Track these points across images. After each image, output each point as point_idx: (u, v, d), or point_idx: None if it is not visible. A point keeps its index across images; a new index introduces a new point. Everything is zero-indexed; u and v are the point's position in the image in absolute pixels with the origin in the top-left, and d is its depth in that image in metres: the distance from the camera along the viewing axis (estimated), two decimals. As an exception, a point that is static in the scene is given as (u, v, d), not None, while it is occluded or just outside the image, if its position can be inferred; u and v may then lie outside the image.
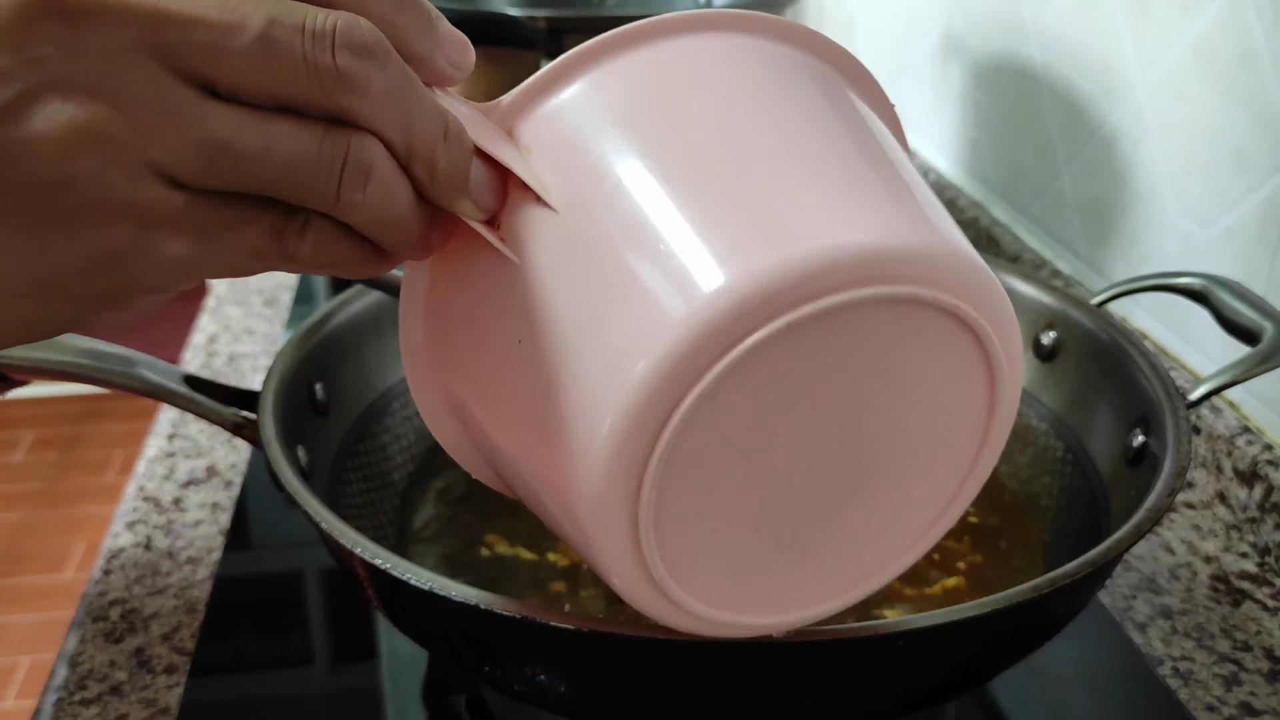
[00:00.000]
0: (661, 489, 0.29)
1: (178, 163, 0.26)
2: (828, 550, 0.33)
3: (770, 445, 0.30)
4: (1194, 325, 0.72)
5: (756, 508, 0.31)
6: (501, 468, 0.36)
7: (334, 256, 0.29)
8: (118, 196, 0.26)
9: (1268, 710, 0.52)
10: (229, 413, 0.48)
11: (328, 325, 0.54)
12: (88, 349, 0.47)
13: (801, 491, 0.32)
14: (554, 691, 0.40)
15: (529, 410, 0.31)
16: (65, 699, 0.52)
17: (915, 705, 0.41)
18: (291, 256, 0.28)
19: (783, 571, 0.33)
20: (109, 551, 0.61)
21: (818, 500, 0.32)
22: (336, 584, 0.61)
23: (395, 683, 0.54)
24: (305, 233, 0.28)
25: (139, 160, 0.26)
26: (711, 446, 0.29)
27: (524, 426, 0.32)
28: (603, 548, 0.30)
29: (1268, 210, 0.65)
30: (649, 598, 0.31)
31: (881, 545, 0.34)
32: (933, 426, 0.32)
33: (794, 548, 0.33)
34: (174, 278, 0.28)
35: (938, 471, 0.34)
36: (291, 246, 0.28)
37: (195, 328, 0.88)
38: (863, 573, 0.35)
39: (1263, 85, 0.64)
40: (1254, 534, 0.63)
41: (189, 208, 0.27)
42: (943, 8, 1.04)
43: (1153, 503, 0.43)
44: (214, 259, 0.28)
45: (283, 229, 0.28)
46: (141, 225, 0.27)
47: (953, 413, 0.32)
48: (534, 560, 0.52)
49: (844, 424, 0.31)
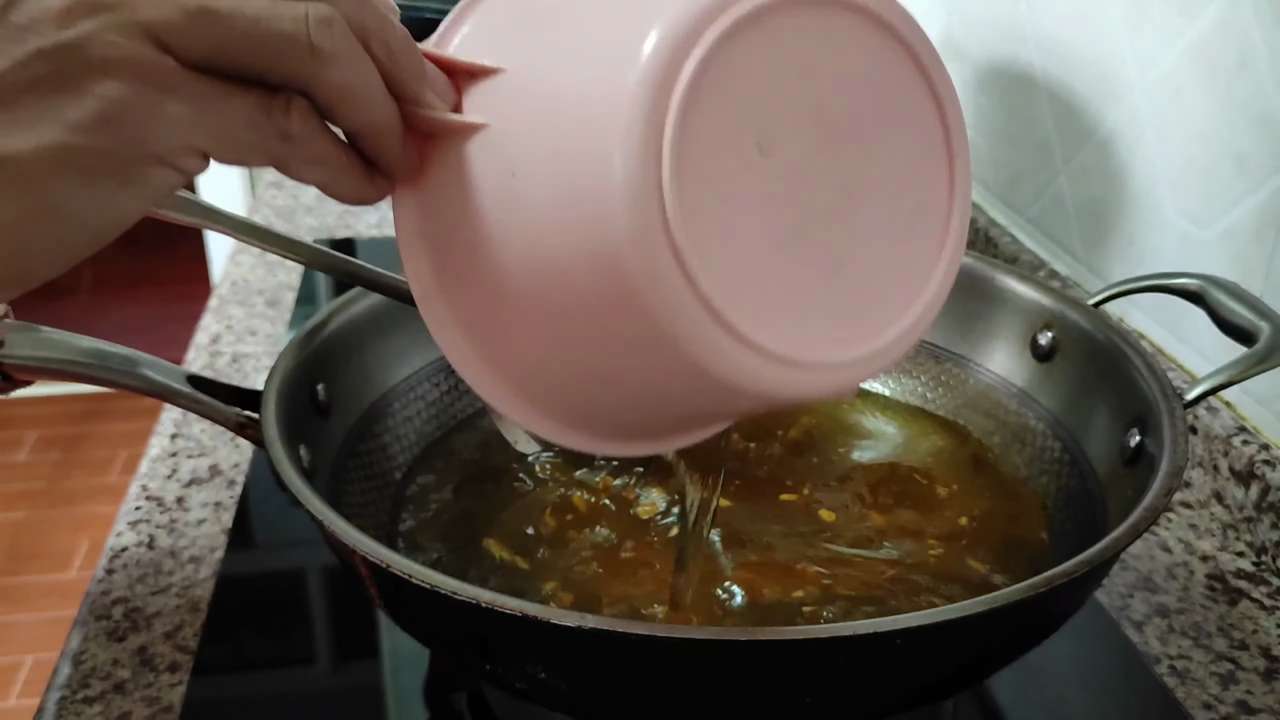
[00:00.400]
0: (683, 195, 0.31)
1: (166, 24, 0.30)
2: (851, 276, 0.35)
3: (765, 155, 0.33)
4: (1191, 326, 0.72)
5: (772, 224, 0.33)
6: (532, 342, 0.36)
7: (321, 145, 0.33)
8: (118, 53, 0.30)
9: (1264, 708, 0.52)
10: (232, 412, 0.49)
11: (330, 326, 0.55)
12: (91, 349, 0.47)
13: (807, 211, 0.34)
14: (555, 689, 0.41)
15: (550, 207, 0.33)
16: (68, 697, 0.52)
17: (914, 703, 0.41)
18: (283, 131, 0.32)
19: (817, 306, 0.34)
20: (112, 550, 0.62)
21: (822, 223, 0.34)
22: (338, 583, 0.61)
23: (397, 681, 0.54)
24: (290, 109, 0.32)
25: (132, 22, 0.30)
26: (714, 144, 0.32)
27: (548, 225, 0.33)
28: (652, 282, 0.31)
29: (1265, 211, 0.65)
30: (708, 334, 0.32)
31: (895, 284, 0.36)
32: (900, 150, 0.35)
33: (817, 276, 0.34)
34: (176, 138, 0.31)
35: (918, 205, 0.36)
36: (280, 120, 0.32)
37: (198, 328, 0.88)
38: (891, 308, 0.36)
39: (1260, 87, 0.65)
40: (1250, 533, 0.63)
41: (183, 75, 0.31)
42: (941, 11, 1.04)
43: (1149, 502, 0.43)
44: (211, 121, 0.31)
45: (268, 103, 0.32)
46: (142, 82, 0.30)
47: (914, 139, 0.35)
48: (526, 569, 0.52)
49: (822, 140, 0.34)
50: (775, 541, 0.52)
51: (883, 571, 0.51)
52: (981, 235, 0.96)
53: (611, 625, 0.36)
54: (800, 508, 0.55)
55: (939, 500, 0.56)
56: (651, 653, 0.37)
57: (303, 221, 1.11)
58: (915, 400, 0.63)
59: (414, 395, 0.59)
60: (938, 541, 0.53)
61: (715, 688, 0.38)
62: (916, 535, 0.53)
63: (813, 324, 0.34)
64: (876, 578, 0.50)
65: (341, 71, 0.32)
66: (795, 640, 0.36)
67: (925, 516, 0.55)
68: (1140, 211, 0.77)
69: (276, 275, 0.97)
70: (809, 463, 0.59)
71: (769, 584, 0.49)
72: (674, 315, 0.31)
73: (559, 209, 0.33)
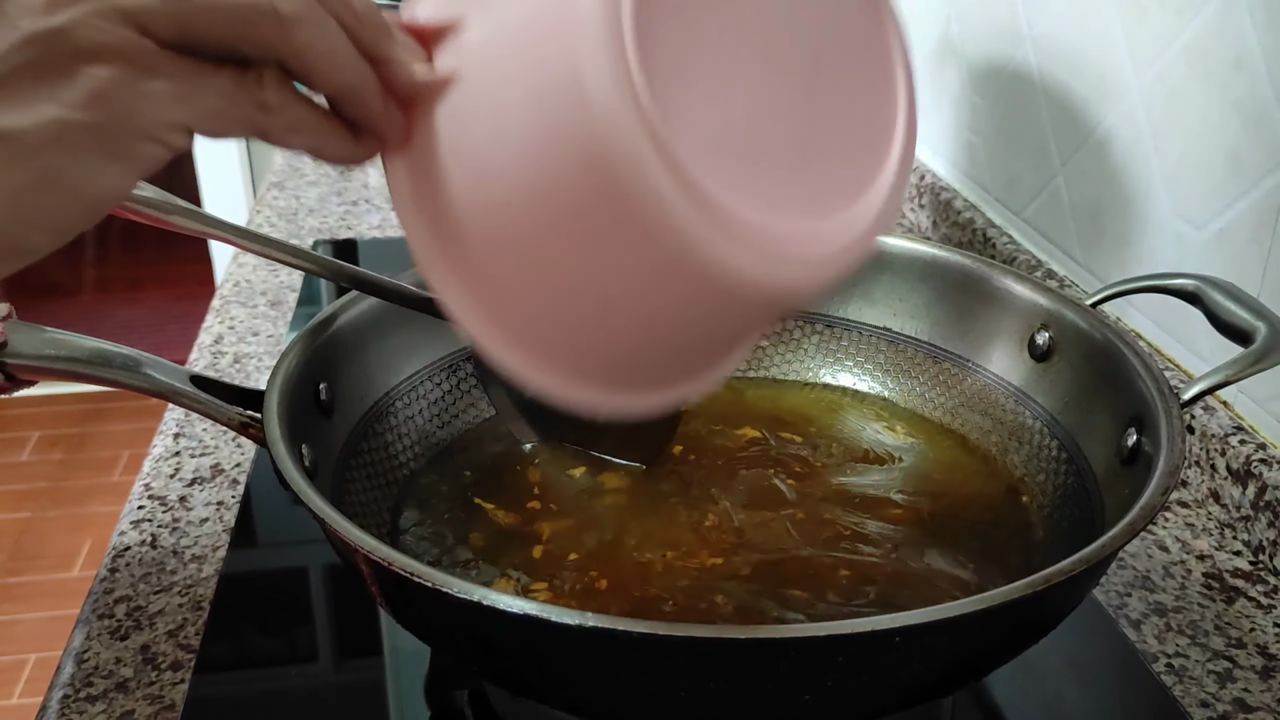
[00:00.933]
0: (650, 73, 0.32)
1: (142, 8, 0.32)
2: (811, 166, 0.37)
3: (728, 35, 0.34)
4: (1187, 326, 0.72)
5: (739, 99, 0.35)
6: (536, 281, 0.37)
7: (297, 112, 0.35)
8: (102, 38, 0.32)
9: (1261, 706, 0.52)
10: (234, 412, 0.49)
11: (332, 325, 0.55)
12: (94, 349, 0.47)
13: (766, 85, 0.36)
14: (555, 688, 0.41)
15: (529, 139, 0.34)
16: (71, 696, 0.52)
17: (912, 701, 0.42)
18: (260, 102, 0.35)
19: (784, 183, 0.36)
20: (115, 549, 0.62)
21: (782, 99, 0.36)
22: (341, 581, 0.62)
23: (399, 679, 0.54)
24: (263, 79, 0.34)
25: (113, 8, 0.32)
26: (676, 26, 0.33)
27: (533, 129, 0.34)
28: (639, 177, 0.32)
29: (1261, 212, 0.65)
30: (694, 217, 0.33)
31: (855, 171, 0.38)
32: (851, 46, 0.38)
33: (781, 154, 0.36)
34: (161, 113, 0.33)
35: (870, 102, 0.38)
36: (255, 93, 0.34)
37: (201, 328, 0.89)
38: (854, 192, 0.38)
39: (1256, 87, 0.65)
40: (1247, 532, 0.63)
41: (162, 55, 0.33)
42: (939, 13, 1.04)
43: (1146, 501, 0.43)
44: (192, 96, 0.34)
45: (243, 76, 0.34)
46: (126, 64, 0.33)
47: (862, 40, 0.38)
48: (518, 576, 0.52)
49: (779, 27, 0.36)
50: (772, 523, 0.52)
51: (877, 566, 0.51)
52: (979, 235, 0.96)
53: (611, 624, 0.36)
54: (799, 505, 0.55)
55: (936, 498, 0.56)
56: (651, 651, 0.37)
57: (305, 222, 1.11)
58: (913, 400, 0.64)
59: (416, 394, 0.59)
60: (934, 539, 0.53)
61: (715, 686, 0.38)
62: (913, 532, 0.54)
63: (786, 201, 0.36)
64: (872, 571, 0.51)
65: (308, 35, 0.34)
66: (794, 639, 0.36)
67: (922, 514, 0.55)
68: (1137, 211, 0.78)
69: (279, 276, 0.97)
70: (808, 460, 0.59)
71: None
72: (659, 199, 0.33)
73: (539, 127, 0.34)
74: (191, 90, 0.34)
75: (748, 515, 0.54)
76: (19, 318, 0.47)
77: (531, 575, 0.51)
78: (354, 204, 1.16)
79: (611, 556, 0.52)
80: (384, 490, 0.55)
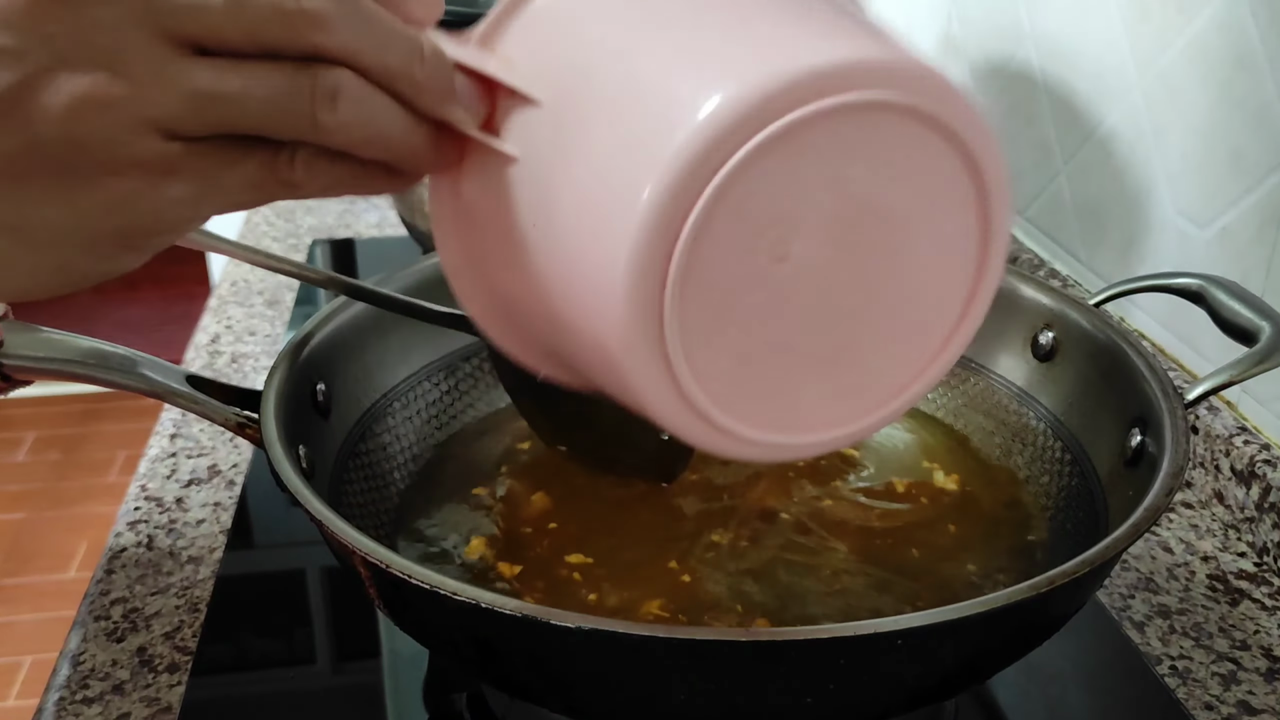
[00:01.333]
0: (683, 310, 0.31)
1: (171, 117, 0.30)
2: (848, 371, 0.35)
3: (778, 262, 0.32)
4: (1191, 325, 0.72)
5: (775, 327, 0.33)
6: (550, 343, 0.38)
7: (331, 178, 0.33)
8: (124, 152, 0.30)
9: (1266, 709, 0.52)
10: (231, 412, 0.49)
11: (330, 326, 0.55)
12: (91, 349, 0.47)
13: (814, 310, 0.34)
14: (555, 690, 0.41)
15: (560, 278, 0.34)
16: (67, 698, 0.52)
17: (915, 703, 0.41)
18: (288, 182, 0.32)
19: (810, 392, 0.35)
20: (111, 550, 0.62)
21: (830, 319, 0.34)
22: (338, 583, 0.61)
23: (396, 681, 0.54)
24: (295, 160, 0.32)
25: (138, 119, 0.30)
26: (724, 261, 0.31)
27: (557, 291, 0.34)
28: (639, 377, 0.32)
29: (1264, 210, 0.65)
30: (690, 424, 0.34)
31: (896, 369, 0.36)
32: (931, 245, 0.34)
33: (815, 367, 0.35)
34: (182, 215, 0.32)
35: (940, 293, 0.36)
36: (285, 173, 0.32)
37: (198, 328, 0.88)
38: (883, 395, 0.37)
39: (1259, 85, 0.65)
40: (1252, 533, 0.63)
41: (187, 155, 0.31)
42: (941, 11, 1.04)
43: (1150, 502, 0.43)
44: (215, 195, 0.32)
45: (273, 160, 0.32)
46: (147, 174, 0.31)
47: (948, 232, 0.35)
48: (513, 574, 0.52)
49: (845, 241, 0.33)
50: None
51: (878, 566, 0.51)
52: (981, 235, 0.96)
53: (610, 626, 0.36)
54: (798, 505, 0.55)
55: (939, 499, 0.56)
56: (651, 653, 0.37)
57: (303, 221, 1.11)
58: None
59: (414, 395, 0.59)
60: (937, 540, 0.53)
61: (715, 688, 0.38)
62: (917, 534, 0.53)
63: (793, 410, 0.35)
64: (872, 571, 0.50)
65: (352, 131, 0.31)
66: (795, 640, 0.36)
67: (925, 516, 0.55)
68: (1140, 210, 0.77)
69: (276, 276, 0.97)
70: (807, 460, 0.59)
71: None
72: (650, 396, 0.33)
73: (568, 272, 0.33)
74: (215, 186, 0.32)
75: (748, 516, 0.54)
76: (15, 317, 0.47)
77: (531, 576, 0.51)
78: (352, 202, 1.15)
79: (612, 558, 0.51)
80: (382, 492, 0.55)
